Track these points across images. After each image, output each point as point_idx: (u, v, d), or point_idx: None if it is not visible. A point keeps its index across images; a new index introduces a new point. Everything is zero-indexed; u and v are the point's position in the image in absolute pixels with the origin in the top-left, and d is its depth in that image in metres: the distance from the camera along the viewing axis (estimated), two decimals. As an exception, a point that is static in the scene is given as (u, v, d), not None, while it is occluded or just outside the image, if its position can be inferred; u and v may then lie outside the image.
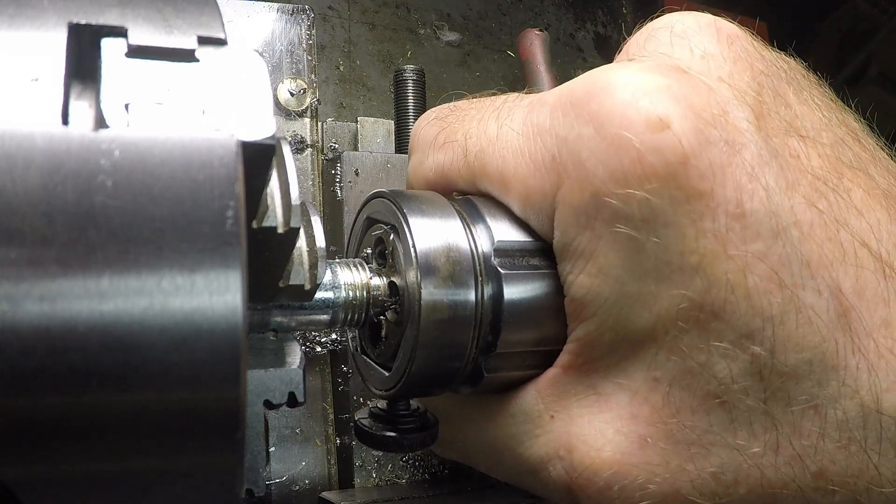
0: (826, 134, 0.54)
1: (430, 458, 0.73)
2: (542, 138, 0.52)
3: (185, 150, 0.32)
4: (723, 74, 0.52)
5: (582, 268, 0.51)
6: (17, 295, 0.30)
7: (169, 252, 0.31)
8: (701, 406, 0.49)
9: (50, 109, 0.32)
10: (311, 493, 0.71)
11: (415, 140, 0.63)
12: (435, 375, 0.54)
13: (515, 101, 0.57)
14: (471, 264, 0.53)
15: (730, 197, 0.47)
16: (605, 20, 1.33)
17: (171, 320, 0.32)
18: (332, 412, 0.73)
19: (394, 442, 0.56)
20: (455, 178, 0.59)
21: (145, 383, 0.31)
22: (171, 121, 0.33)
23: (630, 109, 0.48)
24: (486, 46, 1.23)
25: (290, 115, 0.76)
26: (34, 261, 0.30)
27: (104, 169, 0.31)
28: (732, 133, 0.48)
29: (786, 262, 0.47)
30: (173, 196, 0.31)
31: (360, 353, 0.60)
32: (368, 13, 1.16)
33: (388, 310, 0.55)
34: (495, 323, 0.53)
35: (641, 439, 0.51)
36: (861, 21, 1.60)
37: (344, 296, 0.53)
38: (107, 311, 0.31)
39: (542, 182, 0.52)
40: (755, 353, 0.47)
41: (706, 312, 0.48)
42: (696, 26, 0.54)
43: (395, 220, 0.54)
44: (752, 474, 0.49)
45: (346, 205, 0.73)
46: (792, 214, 0.48)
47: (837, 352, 0.48)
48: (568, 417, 0.53)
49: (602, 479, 0.51)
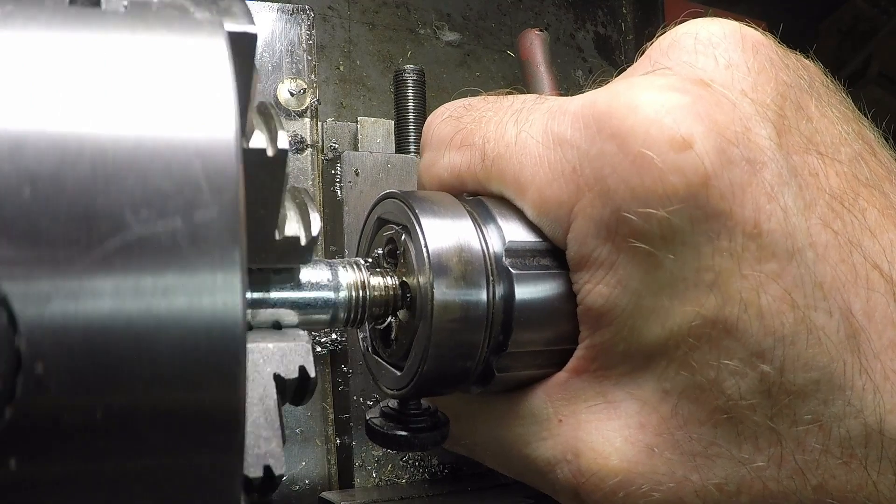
0: (844, 149, 0.54)
1: (430, 458, 0.73)
2: (562, 149, 0.52)
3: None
4: (746, 87, 0.51)
5: (601, 278, 0.51)
6: (15, 295, 0.30)
7: (167, 248, 0.31)
8: (708, 419, 0.50)
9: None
10: (311, 493, 0.71)
11: (428, 138, 0.63)
12: (447, 374, 0.55)
13: (534, 105, 0.57)
14: (482, 264, 0.53)
15: (748, 217, 0.47)
16: (605, 20, 1.33)
17: (171, 319, 0.32)
18: (332, 412, 0.73)
19: (405, 441, 0.56)
20: (469, 180, 0.59)
21: (145, 383, 0.31)
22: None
23: (653, 128, 0.48)
24: (486, 46, 1.23)
25: (290, 115, 0.76)
26: (31, 260, 0.30)
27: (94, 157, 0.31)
28: (754, 151, 0.48)
29: (799, 283, 0.48)
30: (165, 166, 0.31)
31: (371, 353, 0.60)
32: (368, 13, 1.16)
33: (400, 309, 0.55)
34: (506, 322, 0.54)
35: (648, 448, 0.51)
36: (861, 21, 1.60)
37: (344, 295, 0.53)
38: (106, 310, 0.31)
39: (559, 192, 0.52)
40: (764, 372, 0.48)
41: (718, 330, 0.48)
42: (721, 34, 0.54)
43: (407, 220, 0.55)
44: (754, 486, 0.50)
45: (346, 205, 0.73)
46: (808, 236, 0.48)
47: (845, 372, 0.48)
48: (576, 422, 0.54)
49: (608, 486, 0.52)
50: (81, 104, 0.32)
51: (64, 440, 0.31)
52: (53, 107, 0.31)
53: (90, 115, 0.32)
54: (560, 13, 1.30)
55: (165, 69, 0.33)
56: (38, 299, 0.30)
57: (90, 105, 0.32)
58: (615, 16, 1.35)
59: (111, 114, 0.32)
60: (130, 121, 0.32)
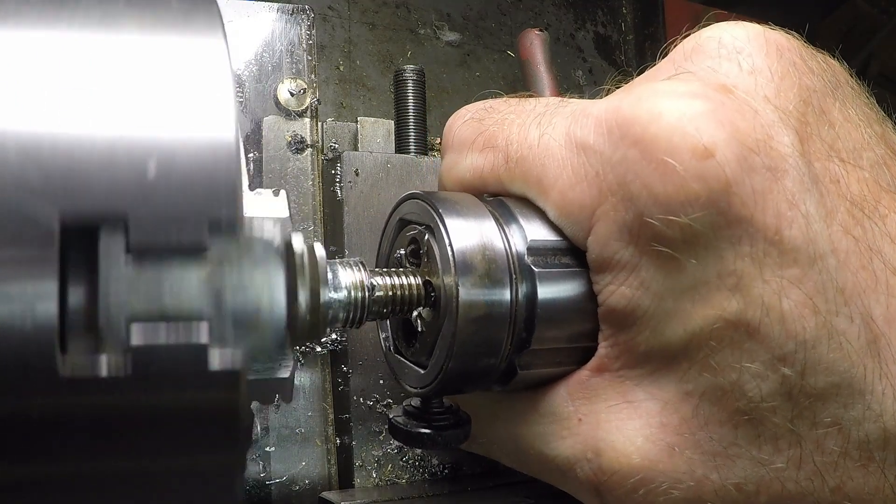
0: (867, 155, 0.55)
1: (430, 458, 0.73)
2: (585, 153, 0.53)
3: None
4: (769, 93, 0.52)
5: (623, 280, 0.52)
6: (12, 295, 0.30)
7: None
8: (729, 420, 0.51)
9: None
10: (311, 493, 0.71)
11: (450, 139, 0.64)
12: (471, 371, 0.56)
13: (557, 108, 0.58)
14: (505, 263, 0.55)
15: (769, 223, 0.48)
16: (605, 20, 1.33)
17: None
18: (332, 412, 0.73)
19: (429, 438, 0.57)
20: (492, 182, 0.60)
21: (145, 383, 0.31)
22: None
23: (675, 135, 0.49)
24: (486, 46, 1.23)
25: (290, 115, 0.76)
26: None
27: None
28: (775, 159, 0.49)
29: (821, 289, 0.48)
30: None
31: (392, 353, 0.62)
32: (368, 13, 1.16)
33: (424, 308, 0.56)
34: (529, 319, 0.55)
35: (669, 447, 0.52)
36: (861, 21, 1.60)
37: (344, 295, 0.53)
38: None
39: (581, 195, 0.53)
40: (786, 375, 0.49)
41: (740, 333, 0.49)
42: (746, 38, 0.54)
43: (431, 220, 0.56)
44: (773, 486, 0.51)
45: (346, 205, 0.73)
46: (829, 242, 0.49)
47: (865, 377, 0.49)
48: (596, 422, 0.55)
49: (629, 483, 0.53)
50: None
51: (63, 440, 0.31)
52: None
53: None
54: (560, 13, 1.30)
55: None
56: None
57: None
58: (615, 16, 1.35)
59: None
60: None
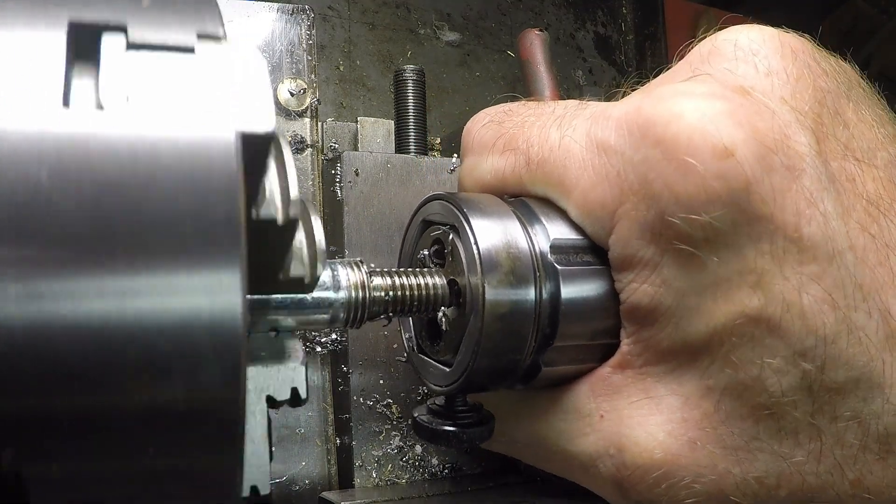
0: (881, 154, 0.56)
1: (430, 458, 0.73)
2: (606, 154, 0.54)
3: (184, 144, 0.32)
4: (785, 95, 0.53)
5: (645, 278, 0.53)
6: (15, 294, 0.30)
7: (168, 250, 0.31)
8: (750, 415, 0.51)
9: (51, 98, 0.32)
10: (311, 493, 0.71)
11: (469, 142, 0.65)
12: (496, 368, 0.56)
13: (576, 110, 0.59)
14: (529, 261, 0.56)
15: (788, 221, 0.49)
16: (605, 20, 1.33)
17: (171, 319, 0.32)
18: (332, 412, 0.73)
19: (454, 436, 0.58)
20: (512, 183, 0.61)
21: (145, 383, 0.31)
22: (170, 114, 0.33)
23: (696, 135, 0.49)
24: (486, 46, 1.24)
25: (290, 115, 0.76)
26: (33, 260, 0.30)
27: (101, 163, 0.31)
28: (793, 158, 0.50)
29: (840, 285, 0.49)
30: (171, 191, 0.31)
31: (416, 353, 0.62)
32: (368, 13, 1.16)
33: (449, 307, 0.57)
34: (553, 316, 0.56)
35: (691, 442, 0.53)
36: (861, 21, 1.60)
37: (344, 295, 0.53)
38: (105, 310, 0.31)
39: (603, 195, 0.54)
40: (806, 370, 0.50)
41: (761, 329, 0.50)
42: (761, 40, 0.55)
43: (456, 220, 0.57)
44: (793, 480, 0.52)
45: (346, 205, 0.73)
46: (847, 239, 0.50)
47: (884, 371, 0.50)
48: (618, 418, 0.56)
49: (652, 478, 0.54)
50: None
51: (63, 439, 0.31)
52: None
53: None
54: (560, 13, 1.31)
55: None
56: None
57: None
58: (615, 16, 1.35)
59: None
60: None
